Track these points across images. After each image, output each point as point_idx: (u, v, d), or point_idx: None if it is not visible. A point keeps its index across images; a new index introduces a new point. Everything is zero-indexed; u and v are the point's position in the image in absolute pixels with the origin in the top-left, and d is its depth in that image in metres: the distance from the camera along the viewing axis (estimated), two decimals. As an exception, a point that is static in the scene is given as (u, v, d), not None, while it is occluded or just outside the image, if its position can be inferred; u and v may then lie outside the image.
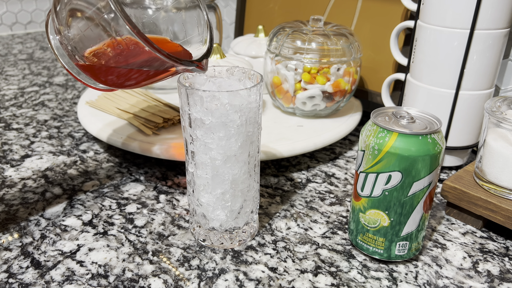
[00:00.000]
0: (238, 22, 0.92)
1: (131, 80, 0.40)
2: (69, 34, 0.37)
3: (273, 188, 0.55)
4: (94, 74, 0.39)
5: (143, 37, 0.34)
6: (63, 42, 0.38)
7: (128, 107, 0.66)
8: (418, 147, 0.37)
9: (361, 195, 0.41)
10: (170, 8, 0.45)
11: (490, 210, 0.45)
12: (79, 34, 0.37)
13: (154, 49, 0.34)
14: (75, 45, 0.37)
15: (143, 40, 0.34)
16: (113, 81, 0.40)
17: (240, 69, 0.43)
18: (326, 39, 0.62)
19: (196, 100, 0.38)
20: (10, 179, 0.56)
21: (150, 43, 0.34)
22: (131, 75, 0.39)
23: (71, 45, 0.37)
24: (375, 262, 0.43)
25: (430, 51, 0.54)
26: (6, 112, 0.77)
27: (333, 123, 0.65)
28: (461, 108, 0.55)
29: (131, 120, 0.63)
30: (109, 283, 0.39)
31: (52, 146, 0.65)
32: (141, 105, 0.67)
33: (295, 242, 0.45)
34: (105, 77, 0.39)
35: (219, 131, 0.39)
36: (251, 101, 0.39)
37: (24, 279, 0.40)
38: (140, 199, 0.52)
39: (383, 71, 0.70)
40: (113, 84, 0.41)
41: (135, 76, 0.39)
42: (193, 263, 0.42)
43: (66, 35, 0.37)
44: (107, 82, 0.40)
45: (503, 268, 0.42)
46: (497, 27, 0.51)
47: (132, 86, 0.41)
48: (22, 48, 1.21)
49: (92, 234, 0.46)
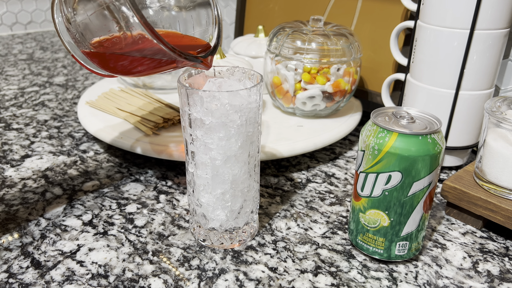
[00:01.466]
0: (238, 22, 0.92)
1: (137, 68, 0.39)
2: (75, 19, 0.37)
3: (273, 188, 0.55)
4: (97, 60, 0.39)
5: (149, 27, 0.33)
6: (70, 29, 0.38)
7: (128, 107, 0.66)
8: (418, 147, 0.37)
9: (361, 195, 0.41)
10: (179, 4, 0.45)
11: (490, 210, 0.45)
12: (85, 20, 0.36)
13: (159, 40, 0.34)
14: (81, 31, 0.37)
15: (148, 31, 0.33)
16: (118, 70, 0.40)
17: (240, 69, 0.43)
18: (326, 39, 0.62)
19: (196, 100, 0.38)
20: (10, 179, 0.56)
21: (155, 34, 0.34)
22: (137, 64, 0.39)
23: (77, 30, 0.37)
24: (375, 262, 0.43)
25: (430, 51, 0.54)
26: (6, 112, 0.77)
27: (333, 123, 0.65)
28: (461, 108, 0.55)
29: (131, 120, 0.63)
30: (109, 283, 0.39)
31: (52, 146, 0.65)
32: (141, 105, 0.67)
33: (295, 242, 0.45)
34: (112, 65, 0.39)
35: (219, 131, 0.39)
36: (251, 101, 0.39)
37: (24, 279, 0.40)
38: (140, 199, 0.52)
39: (383, 71, 0.70)
40: (118, 72, 0.41)
41: (142, 65, 0.39)
42: (193, 263, 0.42)
43: (72, 19, 0.37)
44: (113, 70, 0.40)
45: (503, 268, 0.42)
46: (497, 27, 0.51)
47: (139, 75, 0.41)
48: (22, 48, 1.21)
49: (92, 234, 0.46)
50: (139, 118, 0.63)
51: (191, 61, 0.38)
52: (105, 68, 0.40)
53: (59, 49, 1.20)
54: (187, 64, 0.38)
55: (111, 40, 0.36)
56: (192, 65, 0.39)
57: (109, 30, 0.36)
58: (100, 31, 0.36)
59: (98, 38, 0.37)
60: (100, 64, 0.39)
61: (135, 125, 0.62)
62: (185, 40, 0.43)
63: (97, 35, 0.37)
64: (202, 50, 0.41)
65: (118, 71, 0.40)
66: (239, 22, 0.91)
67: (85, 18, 0.36)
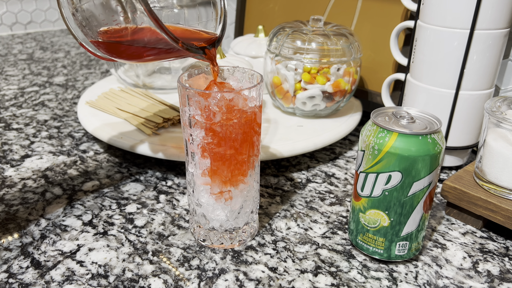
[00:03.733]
0: (238, 22, 0.92)
1: (142, 56, 0.39)
2: (81, 4, 0.37)
3: (273, 188, 0.55)
4: (103, 46, 0.39)
5: (153, 15, 0.33)
6: (76, 14, 0.37)
7: (128, 107, 0.66)
8: (418, 147, 0.37)
9: (361, 195, 0.41)
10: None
11: (490, 210, 0.45)
12: (91, 9, 0.36)
13: (162, 29, 0.34)
14: (87, 17, 0.37)
15: (152, 19, 0.33)
16: (122, 56, 0.40)
17: (240, 69, 0.43)
18: (326, 39, 0.62)
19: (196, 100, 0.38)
20: (10, 179, 0.56)
21: (159, 23, 0.34)
22: (142, 51, 0.38)
23: (83, 16, 0.37)
24: (375, 262, 0.43)
25: (430, 51, 0.54)
26: (6, 112, 0.77)
27: (333, 123, 0.65)
28: (461, 108, 0.55)
29: (131, 120, 0.63)
30: (109, 283, 0.39)
31: (52, 146, 0.65)
32: (141, 105, 0.67)
33: (295, 242, 0.45)
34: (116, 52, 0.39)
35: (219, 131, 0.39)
36: (251, 101, 0.39)
37: (24, 279, 0.40)
38: (140, 199, 0.52)
39: (383, 71, 0.70)
40: (124, 58, 0.40)
41: (146, 53, 0.39)
42: (193, 263, 0.42)
43: (78, 4, 0.37)
44: (117, 56, 0.40)
45: (503, 268, 0.42)
46: (497, 27, 0.51)
47: (142, 61, 0.41)
48: (22, 48, 1.21)
49: (92, 234, 0.46)
50: (139, 118, 0.63)
51: (193, 53, 0.37)
52: (110, 54, 0.40)
53: (59, 49, 1.20)
54: (189, 55, 0.38)
55: (115, 28, 0.36)
56: (194, 56, 0.39)
57: (113, 15, 0.36)
58: (105, 16, 0.36)
59: (103, 28, 0.37)
60: (104, 50, 0.39)
61: (135, 125, 0.62)
62: (190, 32, 0.43)
63: (101, 20, 0.37)
64: (206, 42, 0.41)
65: (123, 58, 0.40)
66: (239, 22, 0.91)
67: (91, 5, 0.36)
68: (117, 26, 0.36)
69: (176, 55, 0.39)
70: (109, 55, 0.40)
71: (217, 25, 0.43)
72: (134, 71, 0.74)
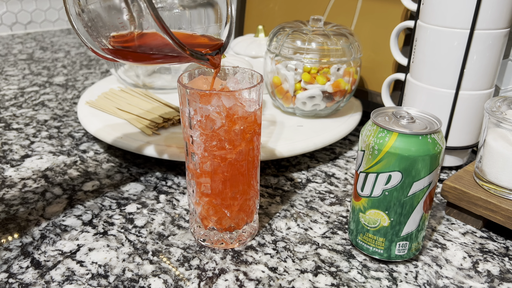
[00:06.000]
0: (238, 22, 0.92)
1: (147, 60, 0.39)
2: (88, 6, 0.37)
3: (273, 188, 0.55)
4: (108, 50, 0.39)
5: (159, 20, 0.33)
6: (82, 15, 0.37)
7: (128, 107, 0.66)
8: (418, 147, 0.37)
9: (361, 195, 0.41)
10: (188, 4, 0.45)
11: (490, 210, 0.45)
12: (98, 11, 0.36)
13: (168, 34, 0.34)
14: (93, 18, 0.37)
15: (159, 24, 0.33)
16: (128, 59, 0.40)
17: (240, 69, 0.43)
18: (326, 39, 0.62)
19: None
20: (10, 179, 0.56)
21: (165, 28, 0.34)
22: (148, 56, 0.38)
23: (89, 17, 0.37)
24: (375, 262, 0.43)
25: (430, 51, 0.54)
26: (6, 112, 0.77)
27: (333, 123, 0.65)
28: (461, 108, 0.55)
29: (131, 120, 0.63)
30: (109, 283, 0.39)
31: (52, 146, 0.65)
32: (141, 105, 0.67)
33: (295, 242, 0.45)
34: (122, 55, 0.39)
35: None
36: (251, 101, 0.39)
37: (24, 279, 0.40)
38: (140, 199, 0.52)
39: (383, 71, 0.70)
40: (129, 60, 0.40)
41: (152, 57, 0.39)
42: (193, 263, 0.42)
43: (85, 6, 0.37)
44: (123, 59, 0.40)
45: (503, 268, 0.42)
46: (497, 27, 0.51)
47: (147, 64, 0.41)
48: (22, 48, 1.21)
49: (92, 234, 0.46)
50: (139, 118, 0.63)
51: (197, 59, 0.37)
52: (115, 56, 0.40)
53: (59, 49, 1.20)
54: (193, 60, 0.38)
55: (121, 33, 0.36)
56: (198, 62, 0.39)
57: (119, 17, 0.36)
58: (111, 19, 0.36)
59: (109, 33, 0.37)
60: (109, 53, 0.39)
61: (135, 125, 0.62)
62: (196, 38, 0.43)
63: (107, 23, 0.37)
64: (211, 48, 0.41)
65: (128, 60, 0.40)
66: (239, 22, 0.91)
67: (98, 7, 0.36)
68: (123, 30, 0.36)
69: (178, 60, 0.39)
70: (113, 56, 0.40)
71: (222, 30, 0.42)
72: (134, 71, 0.74)
